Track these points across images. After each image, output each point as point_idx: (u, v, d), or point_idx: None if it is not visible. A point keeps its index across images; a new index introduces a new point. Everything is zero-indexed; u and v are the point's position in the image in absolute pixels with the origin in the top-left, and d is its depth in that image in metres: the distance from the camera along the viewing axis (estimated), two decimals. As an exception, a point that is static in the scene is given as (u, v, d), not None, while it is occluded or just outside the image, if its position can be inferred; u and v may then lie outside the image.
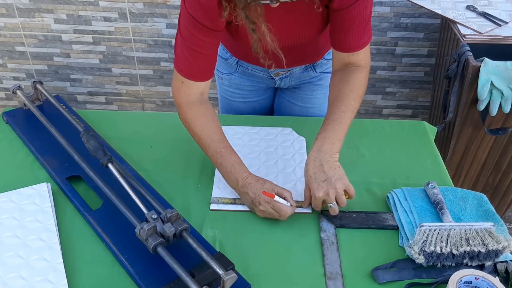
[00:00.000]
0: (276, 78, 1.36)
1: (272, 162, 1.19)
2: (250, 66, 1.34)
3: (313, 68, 1.35)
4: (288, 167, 1.18)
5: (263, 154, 1.22)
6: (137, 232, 0.91)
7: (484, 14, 1.77)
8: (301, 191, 1.11)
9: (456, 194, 1.09)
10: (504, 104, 1.53)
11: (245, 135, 1.28)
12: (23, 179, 1.13)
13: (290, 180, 1.14)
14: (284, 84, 1.39)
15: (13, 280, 0.89)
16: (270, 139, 1.26)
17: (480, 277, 0.84)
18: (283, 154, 1.22)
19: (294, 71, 1.34)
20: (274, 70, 1.31)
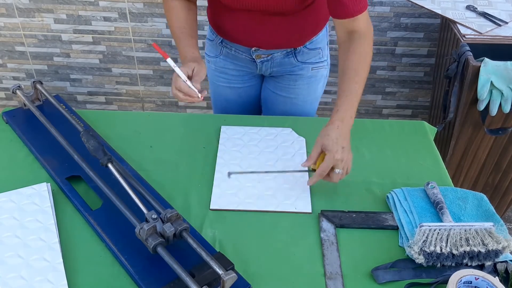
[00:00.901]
0: (257, 60, 1.37)
1: (272, 162, 1.19)
2: (233, 46, 1.37)
3: (294, 55, 1.36)
4: (287, 167, 1.18)
5: (263, 154, 1.22)
6: (137, 232, 0.92)
7: (484, 14, 1.77)
8: (300, 191, 1.11)
9: (456, 194, 1.09)
10: (504, 104, 1.53)
11: (245, 135, 1.28)
12: (23, 179, 1.13)
13: (290, 180, 1.14)
14: (265, 69, 1.41)
15: (13, 280, 0.89)
16: (270, 139, 1.26)
17: (480, 277, 0.84)
18: (283, 154, 1.22)
19: (275, 56, 1.36)
20: (256, 51, 1.34)
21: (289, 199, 1.10)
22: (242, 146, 1.24)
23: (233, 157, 1.21)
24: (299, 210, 1.07)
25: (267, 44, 1.32)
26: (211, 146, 1.25)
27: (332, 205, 1.09)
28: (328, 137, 1.05)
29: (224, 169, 1.17)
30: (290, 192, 1.11)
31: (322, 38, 1.39)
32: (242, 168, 1.17)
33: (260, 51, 1.35)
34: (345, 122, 1.08)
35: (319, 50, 1.39)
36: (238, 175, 1.15)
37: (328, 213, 1.06)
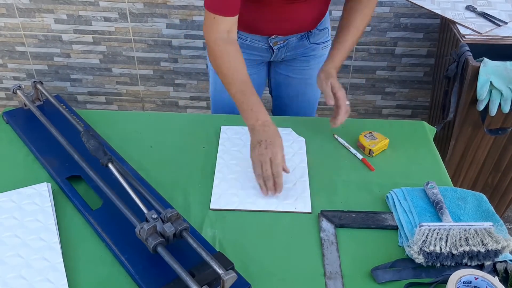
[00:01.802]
0: (274, 47, 1.39)
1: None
2: (249, 36, 1.37)
3: (307, 38, 1.41)
4: (287, 167, 1.18)
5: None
6: (137, 231, 0.92)
7: (484, 14, 1.77)
8: (301, 191, 1.11)
9: (456, 194, 1.09)
10: (503, 104, 1.53)
11: (245, 135, 1.28)
12: (23, 179, 1.13)
13: (290, 180, 1.14)
14: (280, 55, 1.43)
15: (13, 280, 0.89)
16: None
17: (480, 276, 0.85)
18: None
19: (291, 40, 1.39)
20: (274, 38, 1.36)
21: (289, 199, 1.10)
22: (242, 146, 1.24)
23: (233, 157, 1.21)
24: (299, 210, 1.07)
25: (286, 31, 1.35)
26: (211, 146, 1.25)
27: (332, 205, 1.09)
28: (334, 77, 1.23)
29: (224, 169, 1.17)
30: (290, 192, 1.11)
31: (327, 18, 1.45)
32: (242, 167, 1.17)
33: (278, 38, 1.37)
34: (337, 69, 1.27)
35: (326, 30, 1.46)
36: (238, 174, 1.15)
37: (328, 213, 1.06)
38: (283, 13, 1.28)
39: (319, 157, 1.23)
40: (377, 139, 1.24)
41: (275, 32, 1.35)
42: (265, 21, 1.31)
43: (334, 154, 1.24)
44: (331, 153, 1.24)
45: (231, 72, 1.17)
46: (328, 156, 1.23)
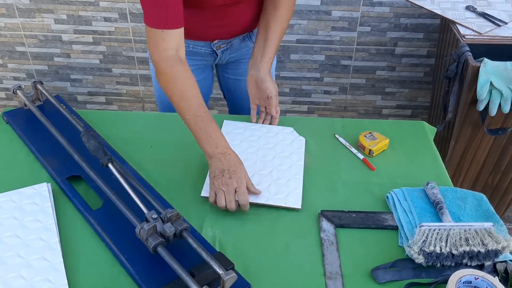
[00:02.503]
0: (218, 51, 1.39)
1: (269, 158, 1.20)
2: (191, 43, 1.36)
3: (249, 38, 1.41)
4: (284, 164, 1.18)
5: (261, 150, 1.22)
6: (137, 232, 0.92)
7: (484, 15, 1.77)
8: (293, 188, 1.11)
9: (456, 194, 1.09)
10: (503, 104, 1.53)
11: (246, 130, 1.28)
12: (23, 179, 1.13)
13: (285, 176, 1.14)
14: (224, 57, 1.43)
15: (13, 280, 0.89)
16: (270, 136, 1.27)
17: (480, 277, 0.85)
18: (281, 151, 1.22)
19: (234, 43, 1.39)
20: (217, 42, 1.36)
21: (280, 194, 1.10)
22: (242, 140, 1.24)
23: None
24: (288, 205, 1.07)
25: (227, 34, 1.35)
26: (211, 146, 1.25)
27: (332, 205, 1.09)
28: (267, 81, 1.27)
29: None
30: (282, 188, 1.11)
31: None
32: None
33: (220, 42, 1.36)
34: (269, 65, 1.28)
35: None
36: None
37: (328, 213, 1.06)
38: (224, 18, 1.27)
39: (319, 157, 1.23)
40: (377, 139, 1.24)
41: (217, 37, 1.34)
42: (206, 27, 1.30)
43: (334, 154, 1.24)
44: (331, 153, 1.24)
45: (185, 97, 1.09)
46: (328, 156, 1.23)
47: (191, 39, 1.35)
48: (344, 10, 2.12)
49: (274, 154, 1.21)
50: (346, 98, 2.40)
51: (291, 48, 2.24)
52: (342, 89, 2.37)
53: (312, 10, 2.13)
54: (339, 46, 2.23)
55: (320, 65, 2.29)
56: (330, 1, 2.10)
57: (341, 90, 2.37)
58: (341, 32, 2.18)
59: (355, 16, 2.13)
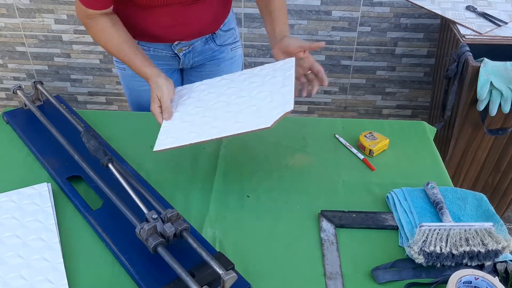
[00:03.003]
0: (180, 54, 1.38)
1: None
2: (152, 46, 1.36)
3: (213, 40, 1.40)
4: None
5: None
6: (137, 232, 0.92)
7: (484, 15, 1.77)
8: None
9: (456, 194, 1.09)
10: (503, 104, 1.53)
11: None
12: (23, 179, 1.13)
13: (265, 96, 1.07)
14: (188, 61, 1.42)
15: (13, 280, 0.89)
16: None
17: (480, 277, 0.85)
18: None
19: (196, 45, 1.38)
20: (177, 44, 1.35)
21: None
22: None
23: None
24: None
25: (187, 35, 1.33)
26: (212, 146, 1.25)
27: (332, 205, 1.09)
28: (287, 39, 1.16)
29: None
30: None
31: (232, 19, 1.43)
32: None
33: (181, 44, 1.35)
34: (284, 31, 1.21)
35: (232, 30, 1.44)
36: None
37: (328, 213, 1.06)
38: (180, 17, 1.26)
39: (319, 157, 1.23)
40: (377, 139, 1.24)
41: (177, 38, 1.33)
42: (163, 27, 1.29)
43: (334, 154, 1.24)
44: (332, 153, 1.24)
45: (109, 46, 1.21)
46: (328, 156, 1.23)
47: (150, 41, 1.34)
48: (344, 10, 2.12)
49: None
50: (346, 98, 2.40)
51: (291, 48, 2.24)
52: (342, 89, 2.37)
53: (312, 10, 2.13)
54: (339, 46, 2.23)
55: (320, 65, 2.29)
56: (330, 1, 2.10)
57: (341, 90, 2.37)
58: (341, 32, 2.18)
59: (355, 16, 2.14)
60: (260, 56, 2.27)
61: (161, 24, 1.27)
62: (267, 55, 2.26)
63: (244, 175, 1.17)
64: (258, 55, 2.27)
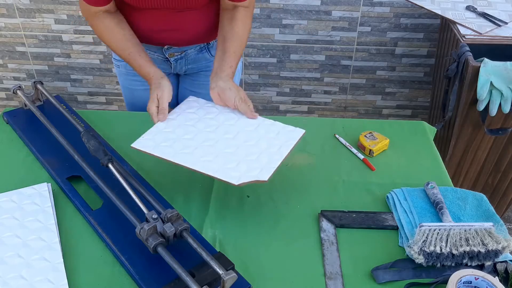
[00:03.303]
0: (171, 59, 1.38)
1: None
2: (144, 46, 1.33)
3: (207, 50, 1.39)
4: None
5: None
6: (137, 232, 0.92)
7: (484, 15, 1.77)
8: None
9: (456, 194, 1.09)
10: (503, 104, 1.53)
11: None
12: (23, 179, 1.13)
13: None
14: (180, 67, 1.41)
15: (13, 280, 0.89)
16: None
17: (480, 277, 0.85)
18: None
19: (189, 52, 1.38)
20: (169, 49, 1.35)
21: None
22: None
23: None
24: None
25: (178, 41, 1.33)
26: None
27: (332, 205, 1.09)
28: (241, 90, 1.18)
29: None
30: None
31: None
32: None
33: (173, 49, 1.35)
34: (229, 74, 1.20)
35: None
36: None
37: (328, 213, 1.06)
38: (170, 23, 1.26)
39: (319, 157, 1.23)
40: (377, 139, 1.24)
41: (167, 42, 1.33)
42: (153, 30, 1.29)
43: (335, 154, 1.24)
44: (332, 153, 1.24)
45: (112, 44, 1.23)
46: (328, 156, 1.23)
47: (142, 42, 1.33)
48: (344, 10, 2.12)
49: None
50: (346, 98, 2.40)
51: (291, 48, 2.24)
52: (342, 89, 2.37)
53: (312, 10, 2.13)
54: (339, 46, 2.23)
55: (320, 65, 2.29)
56: (330, 1, 2.10)
57: (341, 90, 2.37)
58: (341, 32, 2.18)
59: (355, 16, 2.13)
60: (260, 56, 2.27)
61: (150, 26, 1.28)
62: (267, 55, 2.27)
63: (244, 175, 1.17)
64: (258, 55, 2.27)
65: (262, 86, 2.37)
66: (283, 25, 2.17)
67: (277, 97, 2.40)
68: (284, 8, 2.12)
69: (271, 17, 2.15)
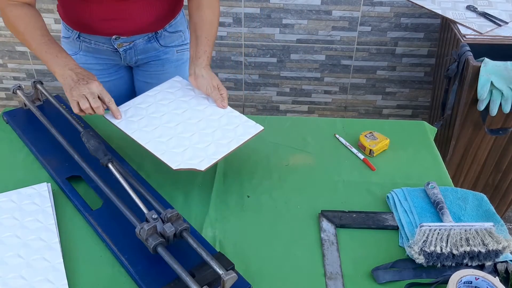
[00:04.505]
0: (120, 50, 1.37)
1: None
2: (92, 39, 1.35)
3: (156, 40, 1.39)
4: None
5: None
6: (137, 232, 0.92)
7: (484, 14, 1.77)
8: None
9: (456, 194, 1.09)
10: (504, 104, 1.53)
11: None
12: (23, 179, 1.13)
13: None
14: (130, 58, 1.41)
15: (13, 280, 0.89)
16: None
17: (480, 277, 0.85)
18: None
19: (138, 42, 1.37)
20: (117, 39, 1.34)
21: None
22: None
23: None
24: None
25: (126, 30, 1.33)
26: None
27: (332, 205, 1.09)
28: (214, 78, 1.19)
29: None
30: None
31: (181, 21, 1.42)
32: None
33: (121, 39, 1.35)
34: (205, 59, 1.21)
35: (180, 33, 1.43)
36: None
37: (328, 213, 1.06)
38: (117, 12, 1.26)
39: (319, 157, 1.23)
40: (378, 139, 1.24)
41: (114, 32, 1.32)
42: (98, 20, 1.28)
43: (335, 154, 1.24)
44: (332, 153, 1.24)
45: (27, 31, 1.16)
46: (328, 156, 1.23)
47: (89, 33, 1.34)
48: (345, 9, 2.12)
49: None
50: (347, 98, 2.40)
51: (291, 48, 2.24)
52: (342, 89, 2.37)
53: (313, 10, 2.13)
54: (339, 46, 2.22)
55: (321, 65, 2.29)
56: (330, 1, 2.10)
57: (341, 90, 2.37)
58: (342, 31, 2.18)
59: (355, 16, 2.13)
60: (260, 56, 2.27)
61: (98, 16, 1.27)
62: (267, 55, 2.26)
63: (244, 175, 1.17)
64: (258, 55, 2.27)
65: (262, 86, 2.37)
66: (283, 24, 2.17)
67: (277, 97, 2.40)
68: (284, 7, 2.12)
69: (271, 17, 2.15)
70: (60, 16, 1.37)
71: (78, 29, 1.35)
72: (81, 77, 1.11)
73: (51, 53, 1.13)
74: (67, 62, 1.14)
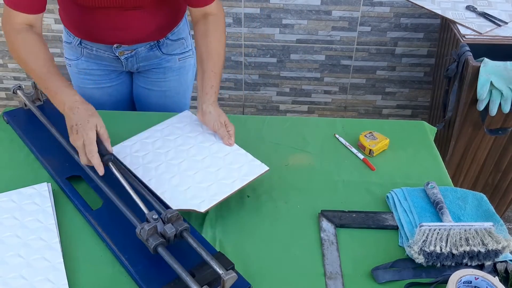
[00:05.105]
0: (121, 57, 1.37)
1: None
2: (94, 46, 1.35)
3: (158, 48, 1.39)
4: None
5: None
6: (137, 232, 0.92)
7: (484, 14, 1.77)
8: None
9: (456, 194, 1.09)
10: (503, 104, 1.53)
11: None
12: (23, 179, 1.13)
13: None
14: (131, 65, 1.41)
15: (13, 280, 0.89)
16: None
17: (480, 277, 0.85)
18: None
19: (139, 51, 1.37)
20: (118, 47, 1.34)
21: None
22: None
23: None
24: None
25: (128, 39, 1.33)
26: (211, 146, 1.25)
27: (332, 205, 1.09)
28: (222, 115, 1.17)
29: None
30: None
31: (183, 28, 1.42)
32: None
33: (123, 48, 1.35)
34: (212, 95, 1.19)
35: (182, 40, 1.42)
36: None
37: (328, 213, 1.06)
38: (119, 21, 1.26)
39: (319, 157, 1.23)
40: (377, 139, 1.24)
41: (116, 41, 1.32)
42: (102, 28, 1.28)
43: (335, 154, 1.24)
44: (332, 153, 1.24)
45: (30, 59, 1.12)
46: (328, 156, 1.23)
47: (91, 41, 1.34)
48: (344, 10, 2.12)
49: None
50: (346, 98, 2.40)
51: (291, 48, 2.24)
52: (342, 89, 2.37)
53: (312, 10, 2.13)
54: (339, 46, 2.23)
55: (320, 65, 2.29)
56: (330, 1, 2.10)
57: (341, 90, 2.37)
58: (341, 32, 2.18)
59: (355, 16, 2.14)
60: (260, 56, 2.27)
61: (99, 25, 1.27)
62: (267, 55, 2.27)
63: (244, 175, 1.17)
64: (258, 55, 2.27)
65: (262, 86, 2.38)
66: (283, 25, 2.17)
67: (277, 97, 2.40)
68: (284, 8, 2.13)
69: (271, 17, 2.15)
70: (62, 20, 1.37)
71: (79, 35, 1.35)
72: (75, 123, 1.04)
73: (51, 90, 1.09)
74: (65, 100, 1.07)
